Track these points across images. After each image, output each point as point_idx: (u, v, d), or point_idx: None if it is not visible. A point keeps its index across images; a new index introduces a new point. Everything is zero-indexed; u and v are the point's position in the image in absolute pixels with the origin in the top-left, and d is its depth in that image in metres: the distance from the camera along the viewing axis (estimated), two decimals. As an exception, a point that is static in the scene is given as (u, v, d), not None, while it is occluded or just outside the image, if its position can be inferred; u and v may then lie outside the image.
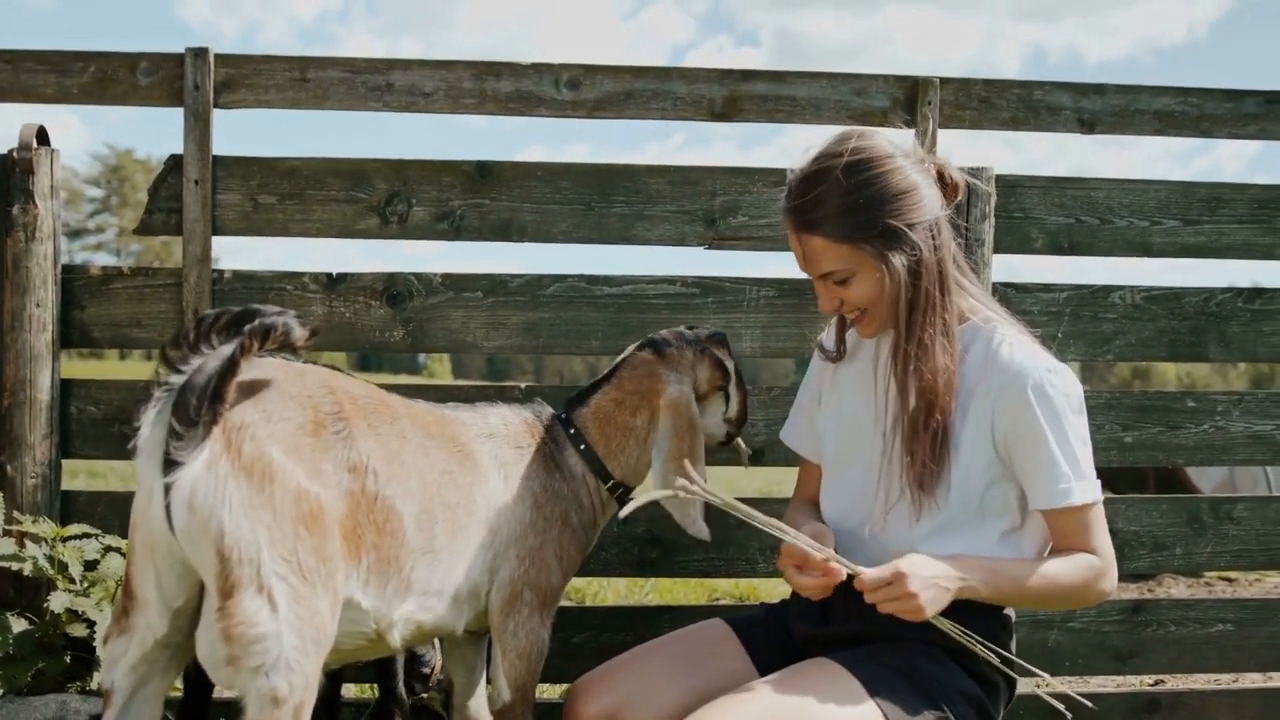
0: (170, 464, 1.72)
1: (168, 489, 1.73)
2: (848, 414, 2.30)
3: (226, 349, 1.74)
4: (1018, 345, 2.10)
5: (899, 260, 2.05)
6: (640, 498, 2.11)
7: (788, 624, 2.33)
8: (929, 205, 2.08)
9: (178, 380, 1.73)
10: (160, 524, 1.76)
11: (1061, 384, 2.06)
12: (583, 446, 2.44)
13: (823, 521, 2.30)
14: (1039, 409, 2.03)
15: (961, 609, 2.03)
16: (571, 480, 2.42)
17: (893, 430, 2.16)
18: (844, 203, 2.05)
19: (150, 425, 1.75)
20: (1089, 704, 2.13)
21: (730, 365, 2.54)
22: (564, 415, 2.48)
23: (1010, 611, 2.21)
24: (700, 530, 2.36)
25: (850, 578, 2.00)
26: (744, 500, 2.17)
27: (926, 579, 1.94)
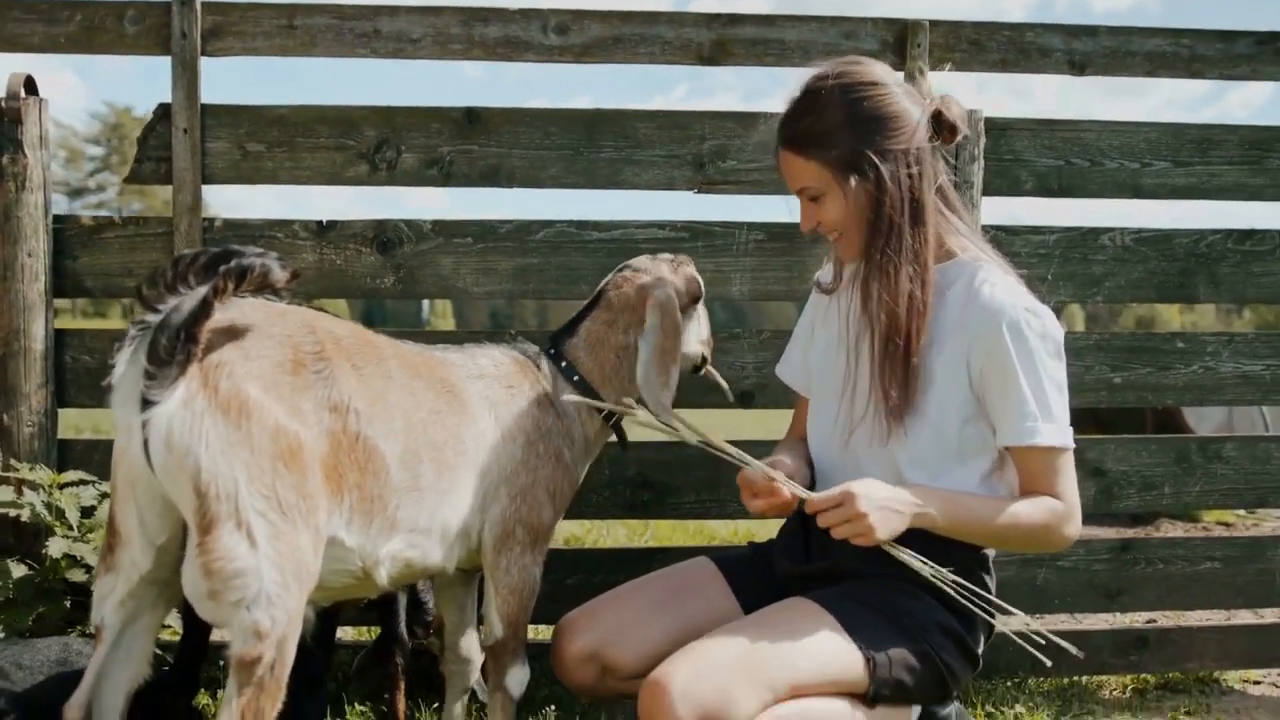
0: (146, 403, 1.73)
1: (145, 426, 1.74)
2: (830, 342, 2.32)
3: (202, 289, 1.75)
4: (1000, 284, 2.10)
5: (860, 183, 2.07)
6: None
7: (773, 562, 2.36)
8: (909, 134, 2.09)
9: (154, 320, 1.74)
10: (139, 461, 1.78)
11: (1039, 324, 2.07)
12: (576, 378, 2.47)
13: (809, 456, 2.33)
14: (1013, 347, 2.04)
15: (936, 546, 2.05)
16: (564, 416, 2.44)
17: (854, 351, 2.18)
18: (821, 123, 2.09)
19: (125, 364, 1.76)
20: (1071, 647, 2.12)
21: (701, 282, 2.61)
22: (553, 350, 2.51)
23: (989, 550, 2.22)
24: (670, 420, 2.32)
25: (803, 503, 2.03)
26: (736, 443, 2.21)
27: (877, 500, 1.96)
